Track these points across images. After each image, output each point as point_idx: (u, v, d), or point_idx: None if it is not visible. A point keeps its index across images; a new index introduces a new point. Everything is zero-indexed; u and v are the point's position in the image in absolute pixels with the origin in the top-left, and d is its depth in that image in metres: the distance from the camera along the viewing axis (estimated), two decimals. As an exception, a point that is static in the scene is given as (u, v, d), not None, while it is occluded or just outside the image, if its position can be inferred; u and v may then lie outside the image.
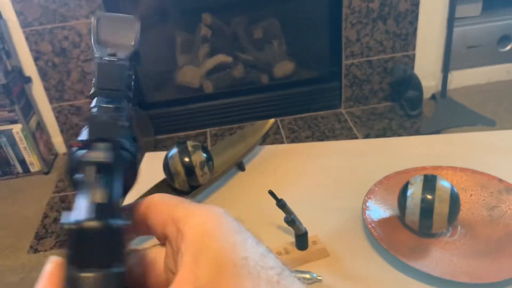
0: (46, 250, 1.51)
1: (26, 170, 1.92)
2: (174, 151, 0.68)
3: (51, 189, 1.80)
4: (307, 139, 1.92)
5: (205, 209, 0.21)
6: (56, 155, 2.04)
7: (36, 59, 1.84)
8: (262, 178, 0.74)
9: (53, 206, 1.71)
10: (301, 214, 0.58)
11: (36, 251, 1.51)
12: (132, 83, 0.24)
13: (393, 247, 0.56)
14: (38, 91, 1.93)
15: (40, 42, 1.81)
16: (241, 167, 0.76)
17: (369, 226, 0.59)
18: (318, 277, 0.54)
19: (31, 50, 1.82)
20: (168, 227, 0.22)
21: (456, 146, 0.78)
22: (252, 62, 2.10)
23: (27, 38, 1.80)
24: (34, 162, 1.91)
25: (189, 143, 0.69)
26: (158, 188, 0.69)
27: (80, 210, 0.18)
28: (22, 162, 1.90)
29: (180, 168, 0.66)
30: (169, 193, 0.69)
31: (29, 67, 1.88)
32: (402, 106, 2.02)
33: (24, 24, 1.77)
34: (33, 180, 1.90)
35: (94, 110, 0.21)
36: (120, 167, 0.20)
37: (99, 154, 0.19)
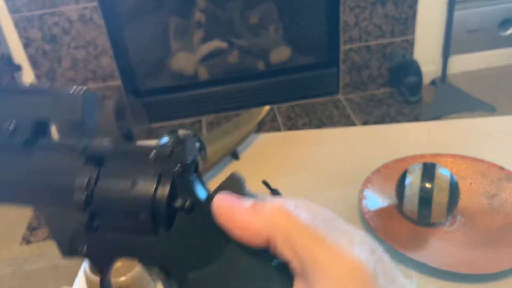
0: (39, 241, 1.49)
1: (19, 159, 1.89)
2: (165, 140, 0.65)
3: (44, 179, 1.78)
4: (305, 126, 1.89)
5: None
6: (49, 144, 2.01)
7: (26, 46, 1.80)
8: (257, 167, 0.72)
9: (46, 196, 1.69)
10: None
11: (28, 242, 1.50)
12: None
13: (391, 237, 0.55)
14: (28, 79, 1.89)
15: (29, 29, 1.77)
16: (235, 156, 0.74)
17: (366, 216, 0.58)
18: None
19: (20, 37, 1.78)
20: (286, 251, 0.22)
21: (455, 133, 0.76)
22: (248, 48, 2.06)
23: (16, 25, 1.76)
24: (27, 152, 1.88)
25: (180, 132, 0.66)
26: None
27: None
28: (15, 152, 1.88)
29: (170, 158, 0.64)
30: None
31: (19, 55, 1.83)
32: (401, 92, 2.00)
33: (12, 10, 1.73)
34: (26, 169, 1.87)
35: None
36: None
37: None
